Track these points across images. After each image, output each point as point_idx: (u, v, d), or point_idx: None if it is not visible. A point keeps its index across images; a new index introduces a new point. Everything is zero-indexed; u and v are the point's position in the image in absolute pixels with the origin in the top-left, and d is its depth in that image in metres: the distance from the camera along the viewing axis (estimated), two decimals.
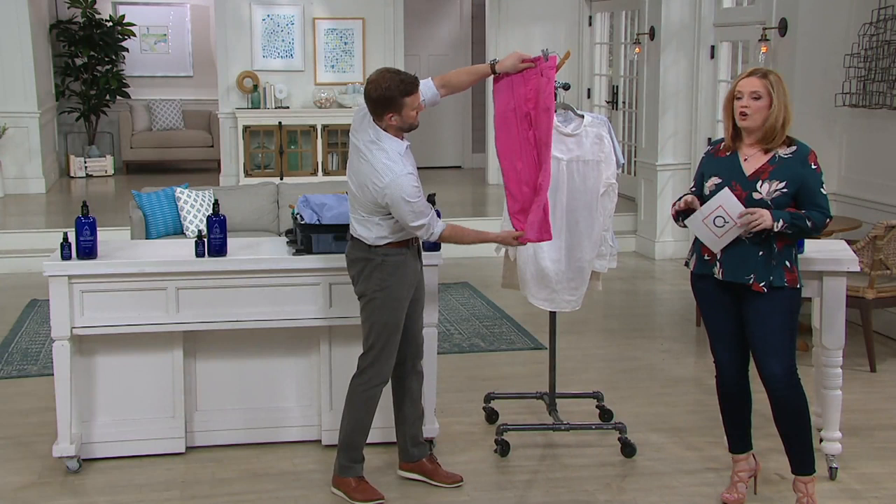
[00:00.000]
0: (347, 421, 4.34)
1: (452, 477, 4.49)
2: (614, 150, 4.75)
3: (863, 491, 4.49)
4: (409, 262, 4.27)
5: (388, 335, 4.26)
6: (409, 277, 4.26)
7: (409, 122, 4.13)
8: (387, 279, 4.21)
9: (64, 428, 4.56)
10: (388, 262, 4.20)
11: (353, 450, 4.35)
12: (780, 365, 4.05)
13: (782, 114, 3.97)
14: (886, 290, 6.19)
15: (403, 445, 4.53)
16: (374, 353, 4.27)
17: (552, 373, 5.06)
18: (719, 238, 4.02)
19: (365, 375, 4.30)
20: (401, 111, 4.09)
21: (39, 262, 4.86)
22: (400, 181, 4.04)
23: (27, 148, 11.22)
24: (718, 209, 3.98)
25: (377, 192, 4.08)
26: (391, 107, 4.08)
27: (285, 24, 11.53)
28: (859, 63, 7.18)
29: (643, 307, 7.83)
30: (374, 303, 4.23)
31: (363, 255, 4.23)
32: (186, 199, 7.11)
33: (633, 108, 10.78)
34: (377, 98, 4.08)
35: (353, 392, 4.33)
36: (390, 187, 4.04)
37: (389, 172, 4.06)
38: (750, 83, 4.00)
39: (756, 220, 3.92)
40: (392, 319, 4.24)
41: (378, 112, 4.12)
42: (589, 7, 11.61)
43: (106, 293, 4.55)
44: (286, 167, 11.47)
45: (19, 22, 11.00)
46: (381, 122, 4.13)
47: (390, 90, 4.05)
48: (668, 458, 4.82)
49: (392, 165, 4.07)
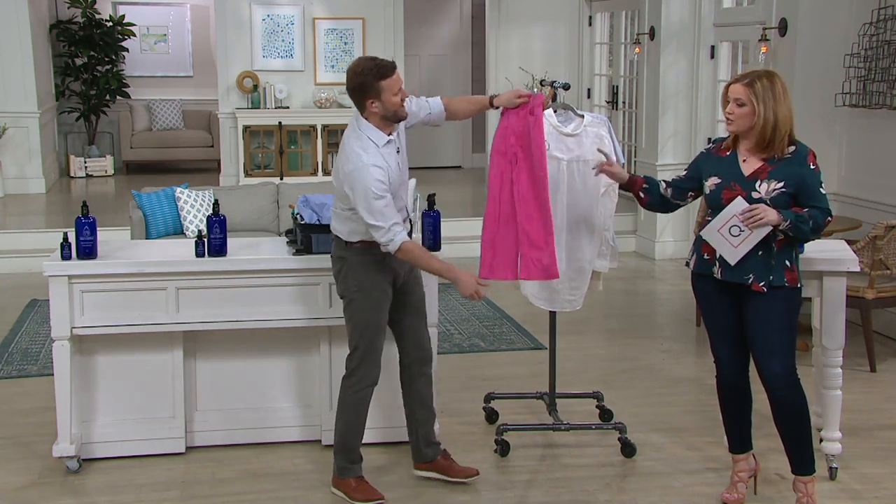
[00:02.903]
0: (340, 423, 4.34)
1: (467, 471, 4.48)
2: (614, 150, 4.75)
3: (863, 491, 4.49)
4: (389, 262, 4.20)
5: (371, 336, 4.24)
6: (385, 277, 4.22)
7: (391, 108, 4.07)
8: (361, 279, 4.19)
9: (64, 428, 4.56)
10: (362, 261, 4.18)
11: (349, 451, 4.35)
12: (780, 364, 4.05)
13: (771, 120, 3.94)
14: (886, 290, 6.19)
15: (416, 446, 4.52)
16: (358, 353, 4.26)
17: (552, 373, 5.06)
18: (736, 248, 4.00)
19: (353, 377, 4.29)
20: (379, 96, 4.04)
21: (39, 262, 4.86)
22: (364, 170, 3.98)
23: (27, 148, 11.22)
24: (733, 218, 3.98)
25: (344, 178, 4.05)
26: (369, 92, 4.04)
27: (285, 24, 11.53)
28: (859, 63, 7.18)
29: (643, 307, 7.83)
30: (353, 304, 4.22)
31: (340, 254, 4.24)
32: (186, 199, 7.11)
33: (633, 108, 10.78)
34: (355, 86, 4.07)
35: (343, 394, 4.32)
36: (353, 175, 4.00)
37: (356, 159, 4.02)
38: (735, 90, 4.00)
39: (759, 214, 3.92)
40: (372, 320, 4.22)
41: (359, 100, 4.09)
42: (589, 7, 11.61)
43: (106, 293, 4.55)
44: (286, 167, 11.47)
45: (19, 22, 11.00)
46: (364, 112, 4.10)
47: (364, 75, 4.03)
48: (668, 458, 4.82)
49: (361, 154, 4.03)
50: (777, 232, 3.98)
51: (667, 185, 4.34)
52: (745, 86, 3.97)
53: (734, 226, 3.98)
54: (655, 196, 4.33)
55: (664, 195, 4.32)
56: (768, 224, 3.94)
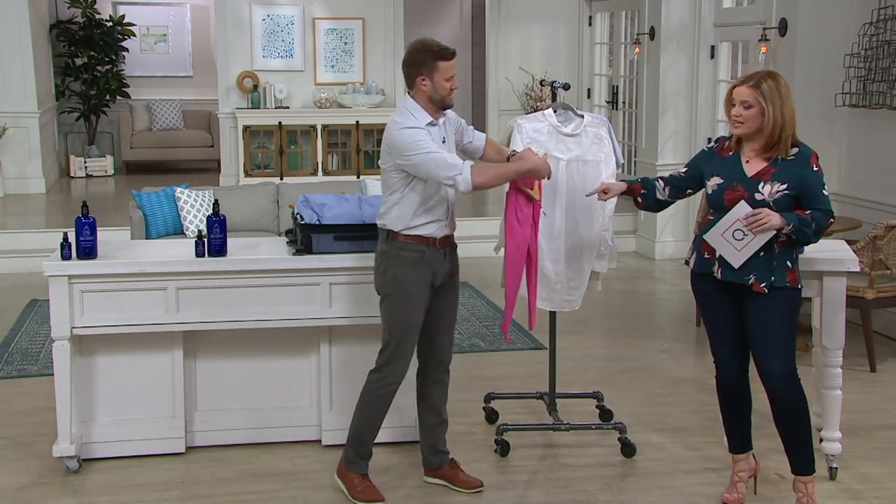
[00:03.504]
0: (359, 416, 4.32)
1: (472, 482, 4.46)
2: (614, 150, 4.75)
3: (863, 491, 4.49)
4: (428, 262, 4.22)
5: (402, 334, 4.23)
6: (423, 276, 4.22)
7: (440, 91, 4.12)
8: (400, 274, 4.19)
9: (64, 428, 4.56)
10: (403, 257, 4.18)
11: (361, 445, 4.34)
12: (780, 364, 4.05)
13: (780, 120, 3.94)
14: (886, 290, 6.19)
15: (424, 453, 4.53)
16: (388, 350, 4.25)
17: (552, 373, 5.06)
18: (739, 251, 3.99)
19: (380, 372, 4.28)
20: (432, 75, 4.09)
21: (39, 262, 4.86)
22: (405, 132, 4.03)
23: (27, 148, 11.22)
24: (736, 222, 3.97)
25: (393, 150, 4.08)
26: (423, 67, 4.09)
27: (285, 24, 11.53)
28: (859, 63, 7.18)
29: (643, 307, 7.83)
30: (388, 298, 4.22)
31: (383, 248, 4.24)
32: (186, 199, 7.11)
33: (633, 108, 10.78)
34: (412, 60, 4.12)
35: (367, 388, 4.31)
36: (397, 138, 4.03)
37: (395, 126, 4.07)
38: (741, 92, 3.99)
39: (762, 218, 3.92)
40: (405, 317, 4.21)
41: (412, 74, 4.13)
42: (589, 7, 11.62)
43: (106, 293, 4.55)
44: (286, 167, 11.47)
45: (19, 22, 11.00)
46: (413, 89, 4.15)
47: (425, 52, 4.10)
48: (668, 458, 4.82)
49: (400, 121, 4.08)
50: (780, 235, 3.97)
51: (665, 183, 4.34)
52: (751, 87, 3.96)
53: (737, 230, 3.98)
54: (652, 201, 4.40)
55: (660, 199, 4.35)
56: (772, 228, 3.93)
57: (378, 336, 4.33)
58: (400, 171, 4.12)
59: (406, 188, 4.14)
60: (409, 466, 4.66)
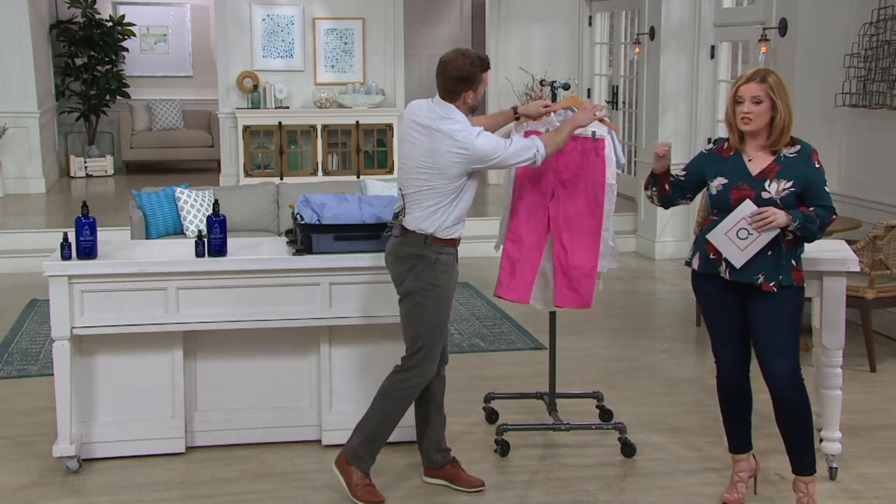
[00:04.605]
0: (379, 415, 4.29)
1: (473, 482, 4.46)
2: (615, 151, 4.74)
3: (863, 491, 4.49)
4: (455, 262, 4.28)
5: (437, 336, 4.24)
6: (455, 278, 4.29)
7: (479, 99, 4.21)
8: (438, 277, 4.19)
9: (64, 428, 4.56)
10: (441, 260, 4.19)
11: (375, 444, 4.32)
12: (785, 364, 4.04)
13: (787, 113, 3.97)
14: (886, 290, 6.19)
15: (427, 451, 4.50)
16: (422, 353, 4.24)
17: (552, 373, 5.06)
18: (742, 251, 3.98)
19: (408, 374, 4.26)
20: (477, 88, 4.16)
21: (39, 262, 4.86)
22: (480, 139, 4.09)
23: (27, 148, 11.22)
24: (741, 221, 3.97)
25: (465, 159, 4.07)
26: (471, 84, 4.14)
27: (285, 24, 11.53)
28: (859, 63, 7.18)
29: (643, 307, 7.83)
30: (424, 302, 4.19)
31: (416, 252, 4.18)
32: (186, 199, 7.11)
33: (633, 108, 10.78)
34: (459, 76, 4.12)
35: (390, 387, 4.28)
36: (466, 141, 4.06)
37: (469, 135, 4.08)
38: (749, 88, 3.98)
39: (768, 217, 3.91)
40: (442, 320, 4.23)
41: (457, 90, 4.14)
42: (589, 7, 11.62)
43: (106, 293, 4.55)
44: (286, 167, 11.47)
45: (19, 22, 11.00)
46: (456, 100, 4.16)
47: (473, 67, 4.13)
48: (668, 458, 4.82)
49: (466, 131, 4.10)
50: (786, 232, 3.97)
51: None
52: (759, 83, 3.97)
53: (742, 228, 3.97)
54: (677, 189, 4.29)
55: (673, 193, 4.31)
56: (778, 226, 3.93)
57: (378, 336, 4.34)
58: (460, 178, 4.12)
59: (461, 193, 4.16)
60: (409, 466, 4.66)
